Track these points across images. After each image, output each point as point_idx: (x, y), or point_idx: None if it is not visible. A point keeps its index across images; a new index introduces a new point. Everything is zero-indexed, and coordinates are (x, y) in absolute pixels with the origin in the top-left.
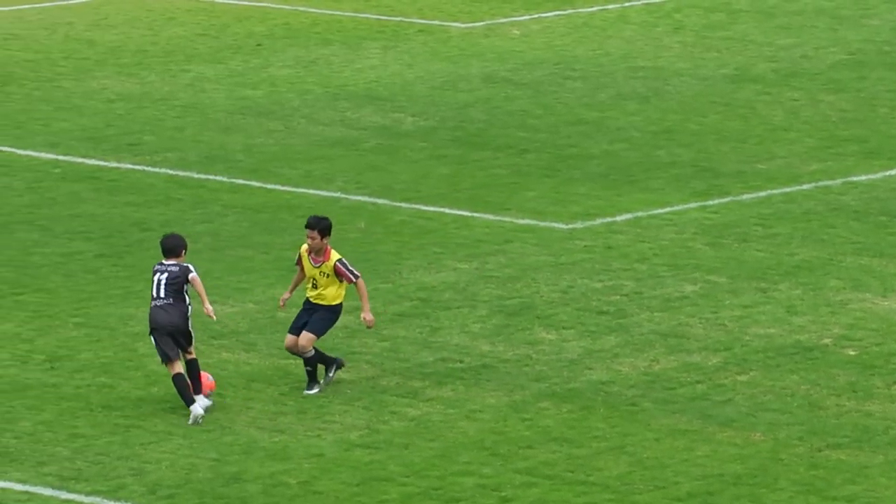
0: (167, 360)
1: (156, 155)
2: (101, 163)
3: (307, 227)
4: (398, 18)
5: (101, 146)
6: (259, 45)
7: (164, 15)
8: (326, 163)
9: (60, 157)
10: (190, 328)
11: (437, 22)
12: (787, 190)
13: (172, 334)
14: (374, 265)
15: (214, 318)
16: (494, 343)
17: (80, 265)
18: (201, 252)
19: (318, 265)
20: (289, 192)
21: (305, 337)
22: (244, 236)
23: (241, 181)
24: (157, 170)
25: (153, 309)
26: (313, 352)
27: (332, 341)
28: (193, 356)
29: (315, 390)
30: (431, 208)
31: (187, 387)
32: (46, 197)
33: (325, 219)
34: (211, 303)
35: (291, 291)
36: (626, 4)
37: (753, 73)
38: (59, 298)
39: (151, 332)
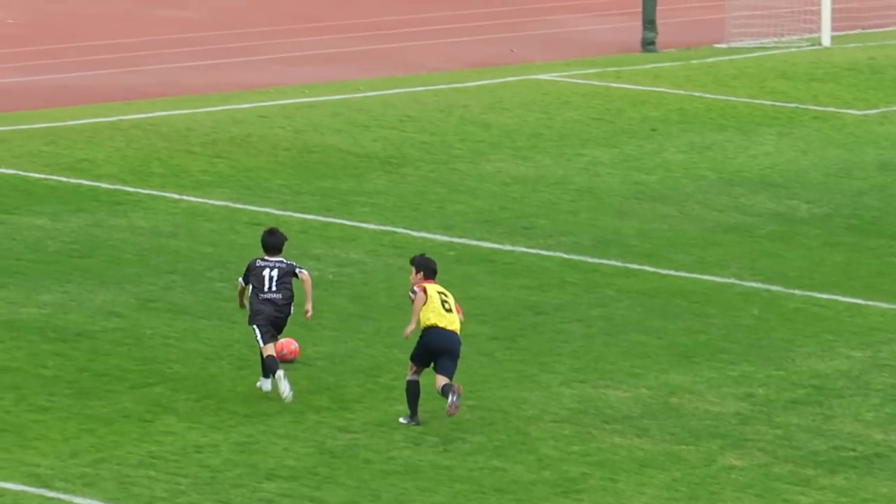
0: (266, 342)
1: (550, 238)
2: (496, 245)
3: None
4: (793, 105)
5: (495, 229)
6: (654, 129)
7: (558, 98)
8: (720, 248)
9: (455, 240)
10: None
11: (831, 109)
12: None
13: (276, 323)
14: (767, 352)
15: (309, 317)
16: (888, 432)
17: (474, 347)
18: (595, 336)
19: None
20: (682, 278)
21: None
22: (638, 321)
23: (634, 266)
24: (551, 253)
25: (264, 301)
26: None
27: (724, 427)
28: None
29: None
30: (825, 296)
31: (275, 362)
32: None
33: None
34: (605, 387)
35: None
36: None
37: None
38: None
39: (255, 321)
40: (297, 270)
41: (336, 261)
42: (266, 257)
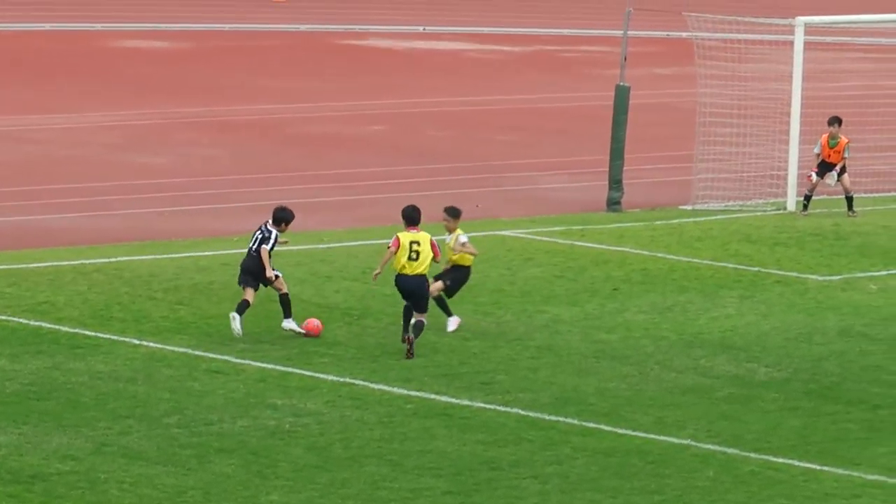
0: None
1: (508, 394)
2: (454, 400)
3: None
4: (756, 268)
5: (454, 383)
6: (616, 289)
7: (522, 255)
8: (678, 409)
9: (413, 393)
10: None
11: (794, 273)
12: None
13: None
14: None
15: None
16: None
17: (429, 501)
18: (550, 494)
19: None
20: (640, 438)
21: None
22: (593, 480)
23: (592, 424)
24: (508, 409)
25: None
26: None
27: None
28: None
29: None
30: (781, 460)
31: (246, 304)
32: (398, 432)
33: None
34: None
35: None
36: None
37: None
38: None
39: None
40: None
41: (293, 411)
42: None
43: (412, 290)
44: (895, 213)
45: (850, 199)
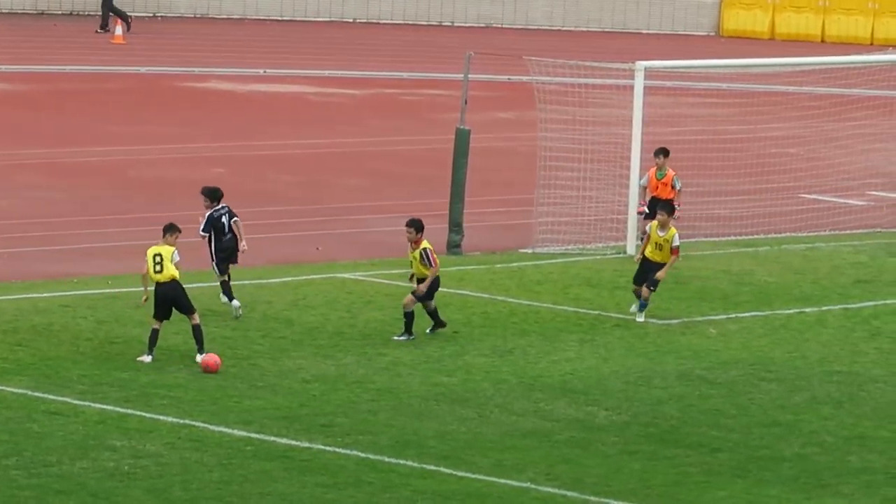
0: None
1: (348, 437)
2: (294, 442)
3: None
4: (596, 312)
5: (293, 426)
6: (456, 332)
7: (362, 298)
8: (518, 453)
9: (253, 435)
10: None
11: (634, 317)
12: None
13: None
14: None
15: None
16: None
17: None
18: None
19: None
20: (479, 481)
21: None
22: None
23: (431, 467)
24: (348, 451)
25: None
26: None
27: None
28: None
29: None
30: (621, 503)
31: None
32: (237, 474)
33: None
34: None
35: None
36: (825, 308)
37: None
38: None
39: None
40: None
41: (133, 452)
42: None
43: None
44: (733, 257)
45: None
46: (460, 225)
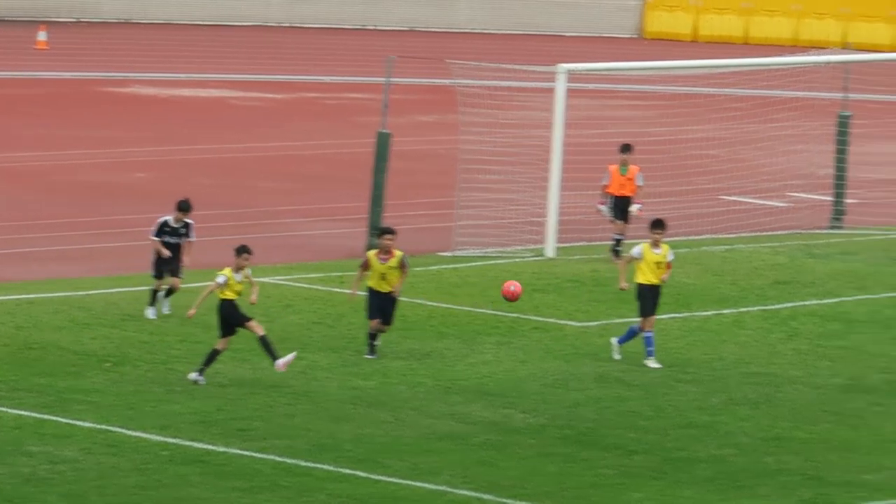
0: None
1: (264, 441)
2: (210, 447)
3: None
4: (514, 315)
5: (210, 430)
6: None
7: (281, 302)
8: (434, 456)
9: (169, 440)
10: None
11: (552, 320)
12: (893, 503)
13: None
14: None
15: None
16: None
17: None
18: None
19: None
20: (395, 484)
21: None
22: None
23: (348, 471)
24: (264, 456)
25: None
26: None
27: None
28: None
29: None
30: None
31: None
32: (153, 479)
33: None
34: None
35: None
36: (743, 310)
37: (866, 384)
38: None
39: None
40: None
41: (49, 458)
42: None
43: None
44: None
45: (619, 241)
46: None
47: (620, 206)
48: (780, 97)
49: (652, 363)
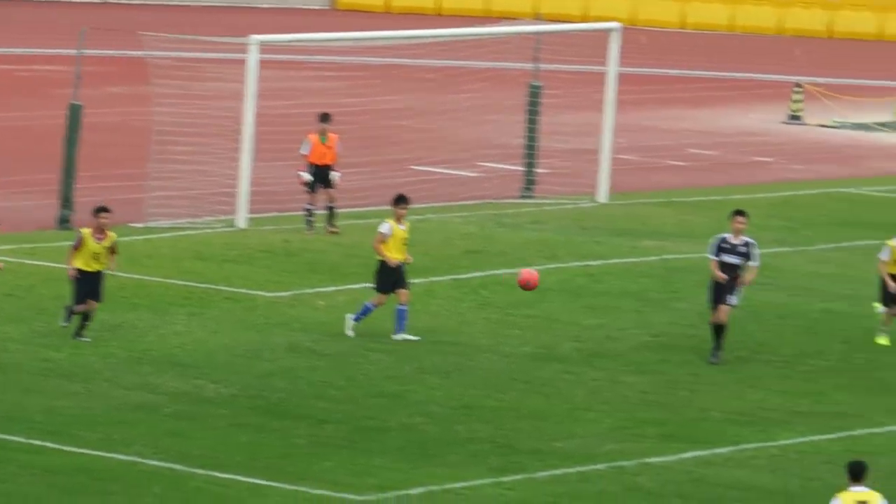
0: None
1: None
2: None
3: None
4: (205, 285)
5: None
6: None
7: None
8: (126, 427)
9: None
10: None
11: (244, 290)
12: (583, 469)
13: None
14: None
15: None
16: None
17: None
18: None
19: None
20: (87, 455)
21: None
22: (40, 498)
23: (38, 442)
24: None
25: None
26: None
27: None
28: None
29: None
30: (228, 476)
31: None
32: None
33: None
34: None
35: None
36: (433, 279)
37: (557, 352)
38: None
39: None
40: None
41: None
42: None
43: None
44: (345, 229)
45: (332, 210)
46: (70, 200)
47: (321, 176)
48: (472, 68)
49: (400, 336)
